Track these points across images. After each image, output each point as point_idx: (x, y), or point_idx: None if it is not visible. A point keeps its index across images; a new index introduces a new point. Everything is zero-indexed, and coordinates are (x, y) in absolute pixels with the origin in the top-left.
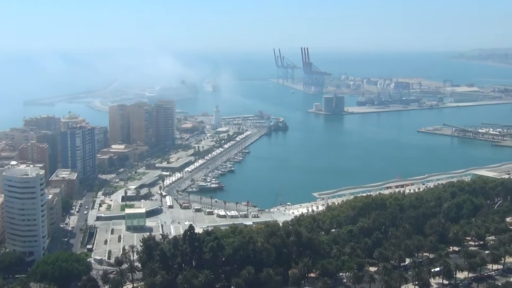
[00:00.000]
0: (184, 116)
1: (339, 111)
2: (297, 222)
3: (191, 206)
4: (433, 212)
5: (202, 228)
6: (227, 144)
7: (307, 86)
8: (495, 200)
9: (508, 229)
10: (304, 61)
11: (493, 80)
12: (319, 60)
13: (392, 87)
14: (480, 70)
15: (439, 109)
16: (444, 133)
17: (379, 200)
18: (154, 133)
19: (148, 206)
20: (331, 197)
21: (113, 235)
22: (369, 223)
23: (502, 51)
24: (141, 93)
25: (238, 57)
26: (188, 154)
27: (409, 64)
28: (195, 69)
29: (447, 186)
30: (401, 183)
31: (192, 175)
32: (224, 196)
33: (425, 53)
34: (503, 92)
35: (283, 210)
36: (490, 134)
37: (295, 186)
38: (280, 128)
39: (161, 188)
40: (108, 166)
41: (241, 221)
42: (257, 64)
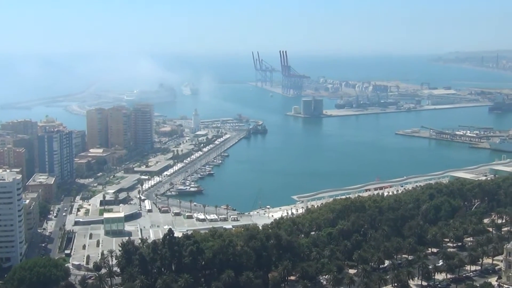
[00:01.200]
0: (162, 120)
1: (318, 114)
2: (276, 225)
3: (170, 210)
4: (411, 214)
5: (182, 232)
6: (206, 147)
7: (285, 89)
8: (473, 201)
9: (485, 230)
10: (283, 64)
11: (469, 83)
12: (297, 63)
13: (370, 90)
14: (457, 73)
15: (416, 111)
16: (421, 136)
17: (358, 202)
18: (133, 137)
19: (127, 210)
20: (311, 200)
21: (92, 239)
22: (348, 225)
23: (479, 54)
24: (119, 97)
25: (218, 60)
26: (167, 158)
27: (387, 67)
28: (175, 72)
29: (425, 188)
30: (379, 186)
31: (171, 179)
32: (204, 199)
33: (403, 56)
34: (480, 94)
35: (262, 213)
36: (467, 136)
37: (274, 189)
38: (259, 131)
39: (140, 192)
40: (86, 170)
41: (221, 224)
42: (236, 67)
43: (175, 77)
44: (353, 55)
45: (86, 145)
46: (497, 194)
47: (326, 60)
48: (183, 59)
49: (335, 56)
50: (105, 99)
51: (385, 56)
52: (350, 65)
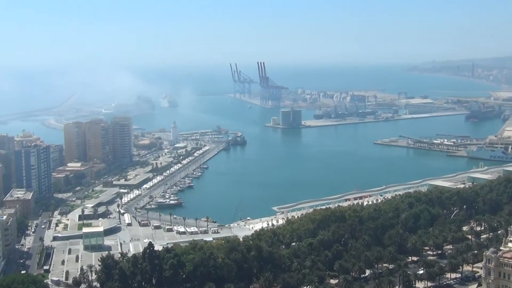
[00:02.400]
0: (141, 133)
1: (297, 124)
2: (257, 236)
3: (150, 223)
4: (391, 223)
5: (162, 245)
6: (186, 160)
7: (264, 101)
8: (451, 209)
9: (465, 238)
10: (261, 75)
11: (446, 91)
12: (275, 74)
13: (348, 100)
14: (434, 82)
15: (394, 121)
16: (400, 145)
17: (338, 212)
18: (111, 150)
19: (106, 225)
20: (291, 211)
21: (71, 255)
22: (328, 235)
23: (455, 63)
24: (97, 110)
25: (197, 72)
26: (146, 171)
27: (364, 77)
28: (155, 85)
29: (404, 197)
30: (359, 195)
31: (150, 192)
32: (184, 212)
33: (380, 66)
34: (456, 103)
35: (243, 225)
36: (444, 145)
37: (254, 201)
38: (238, 142)
39: (119, 205)
40: (64, 185)
41: (201, 237)
42: (215, 79)
43: (155, 89)
44: (330, 66)
45: (64, 160)
46: (475, 201)
47: (304, 71)
48: (163, 72)
49: (312, 67)
50: (82, 113)
51: (362, 66)
52: (327, 75)
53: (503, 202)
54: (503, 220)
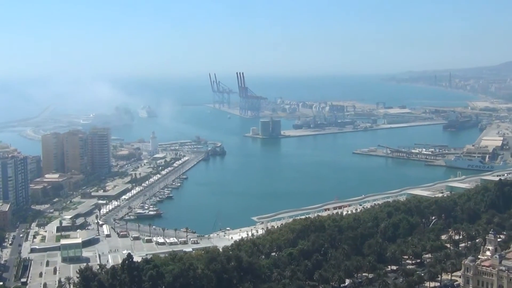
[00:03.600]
0: (120, 143)
1: (276, 134)
2: (237, 247)
3: (129, 235)
4: (370, 232)
5: (141, 256)
6: (165, 170)
7: (243, 111)
8: (430, 218)
9: (443, 246)
10: (240, 85)
11: (424, 101)
12: (254, 84)
13: (327, 110)
14: (411, 92)
15: (373, 130)
16: (378, 154)
17: (318, 222)
18: (89, 161)
19: (85, 236)
20: (271, 221)
21: (49, 267)
22: (308, 245)
23: (432, 73)
24: (75, 121)
25: (176, 83)
26: (125, 182)
27: (343, 87)
28: (134, 96)
29: (383, 206)
30: (338, 205)
31: (129, 203)
32: (163, 223)
33: (358, 76)
34: (434, 113)
35: (222, 235)
36: (422, 154)
37: (234, 211)
38: (218, 153)
39: (98, 217)
40: (42, 196)
41: (181, 248)
42: (194, 89)
43: (134, 100)
44: (309, 76)
45: (42, 171)
46: (454, 210)
47: (282, 81)
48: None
49: (291, 77)
50: (60, 124)
51: (340, 76)
52: (306, 85)
53: (481, 211)
54: (481, 228)
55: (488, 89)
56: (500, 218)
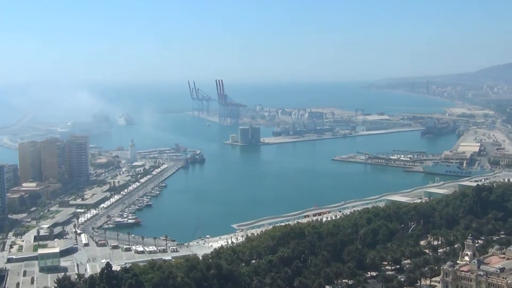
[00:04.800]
0: (98, 151)
1: (255, 142)
2: (217, 254)
3: (107, 243)
4: (350, 238)
5: (120, 265)
6: (144, 178)
7: (222, 118)
8: (409, 224)
9: (422, 252)
10: (219, 93)
11: (402, 108)
12: (234, 92)
13: (306, 117)
14: (390, 99)
15: (352, 137)
16: (357, 161)
17: (298, 229)
18: (67, 170)
19: (62, 245)
20: (250, 228)
21: (26, 277)
22: (288, 252)
23: (410, 80)
24: (53, 129)
25: (155, 90)
26: (104, 190)
27: (322, 94)
28: (114, 103)
29: (362, 213)
30: (318, 211)
31: (108, 211)
32: (142, 231)
33: (337, 83)
34: (412, 119)
35: (202, 243)
36: (401, 161)
37: (213, 218)
38: (197, 160)
39: (76, 226)
40: (19, 205)
41: (160, 256)
42: (173, 97)
43: (114, 108)
44: (288, 83)
45: (19, 179)
46: (432, 216)
47: (262, 89)
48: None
49: (270, 84)
50: (38, 132)
51: (319, 83)
52: (286, 93)
53: (459, 216)
54: (460, 234)
55: (465, 96)
56: (478, 223)
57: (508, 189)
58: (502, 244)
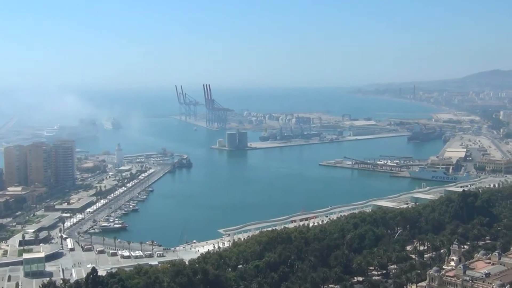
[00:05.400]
0: (84, 155)
1: (243, 146)
2: (203, 259)
3: (93, 248)
4: (337, 243)
5: (106, 270)
6: (130, 183)
7: (210, 123)
8: (395, 229)
9: (408, 257)
10: (207, 97)
11: (389, 113)
12: (221, 96)
13: (293, 122)
14: (377, 104)
15: (339, 142)
16: (344, 166)
17: (284, 234)
18: (53, 174)
19: (48, 250)
20: (237, 233)
21: (10, 282)
22: (275, 257)
23: (397, 86)
24: (39, 133)
25: (143, 95)
26: (90, 194)
27: (309, 99)
28: (101, 108)
29: (349, 218)
30: (305, 216)
31: (94, 216)
32: (128, 236)
33: (324, 88)
34: (399, 125)
35: (188, 248)
36: (388, 166)
37: (200, 223)
38: (184, 165)
39: (62, 230)
40: (4, 210)
41: (146, 261)
42: (160, 101)
43: (102, 112)
44: (275, 88)
45: (4, 184)
46: (418, 221)
47: (249, 93)
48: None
49: (258, 89)
50: (24, 135)
51: (306, 88)
52: (273, 97)
53: (445, 222)
54: (445, 239)
55: (452, 102)
56: (464, 228)
57: (493, 195)
58: (487, 249)
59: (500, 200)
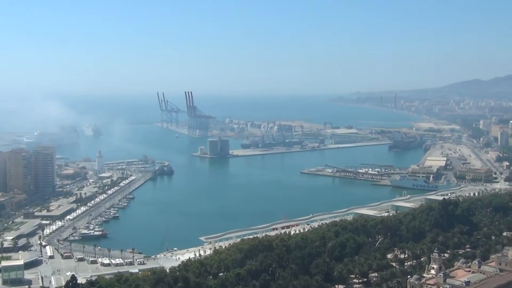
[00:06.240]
0: (65, 162)
1: (224, 154)
2: (184, 267)
3: (73, 256)
4: (318, 251)
5: (86, 278)
6: (111, 190)
7: (191, 130)
8: (376, 237)
9: (389, 265)
10: (188, 105)
11: (370, 122)
12: (203, 103)
13: (275, 130)
14: (358, 113)
15: (320, 150)
16: (326, 174)
17: (266, 242)
18: (33, 180)
19: (27, 257)
20: (218, 241)
21: None
22: (256, 265)
23: (378, 94)
24: (19, 139)
25: (125, 102)
26: (70, 201)
27: (291, 107)
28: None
29: (330, 226)
30: (286, 224)
31: (74, 223)
32: (108, 243)
33: (306, 96)
34: (380, 133)
35: (169, 255)
36: (369, 174)
37: (181, 231)
38: (165, 172)
39: (41, 237)
40: None
41: (127, 269)
42: (142, 108)
43: (85, 119)
44: (257, 96)
45: None
46: (399, 229)
47: (231, 101)
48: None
49: (240, 97)
50: (4, 142)
51: (288, 96)
52: (255, 105)
53: (426, 230)
54: (426, 247)
55: (432, 111)
56: (444, 236)
57: (473, 203)
58: (467, 257)
59: (480, 209)
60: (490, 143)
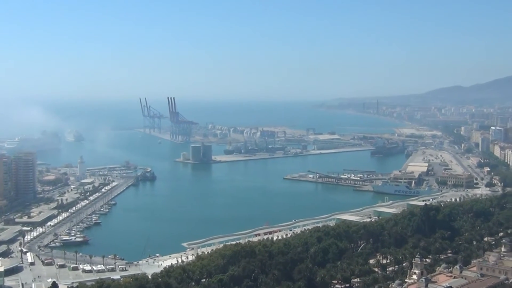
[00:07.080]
0: (46, 168)
1: (207, 160)
2: (166, 273)
3: (54, 262)
4: (300, 257)
5: (67, 285)
6: (93, 196)
7: (174, 136)
8: (359, 243)
9: (371, 270)
10: (171, 110)
11: (352, 128)
12: (185, 109)
13: (258, 136)
14: (341, 119)
15: (303, 156)
16: (308, 180)
17: (248, 247)
18: (14, 187)
19: (7, 264)
20: (201, 247)
21: None
22: (239, 271)
23: (360, 100)
24: (0, 145)
25: (107, 107)
26: (51, 208)
27: (274, 113)
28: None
29: (313, 231)
30: (269, 230)
31: (55, 230)
32: (90, 250)
33: (288, 102)
34: (362, 139)
35: (151, 262)
36: (351, 180)
37: (164, 237)
38: (148, 178)
39: (22, 244)
40: None
41: (108, 275)
42: (125, 114)
43: (64, 124)
44: (240, 102)
45: None
46: (381, 235)
47: (214, 106)
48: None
49: (223, 103)
50: None
51: (271, 102)
52: (238, 111)
53: (408, 235)
54: (408, 252)
55: (414, 117)
56: (426, 242)
57: (455, 209)
58: (449, 262)
59: (461, 214)
60: (471, 149)
